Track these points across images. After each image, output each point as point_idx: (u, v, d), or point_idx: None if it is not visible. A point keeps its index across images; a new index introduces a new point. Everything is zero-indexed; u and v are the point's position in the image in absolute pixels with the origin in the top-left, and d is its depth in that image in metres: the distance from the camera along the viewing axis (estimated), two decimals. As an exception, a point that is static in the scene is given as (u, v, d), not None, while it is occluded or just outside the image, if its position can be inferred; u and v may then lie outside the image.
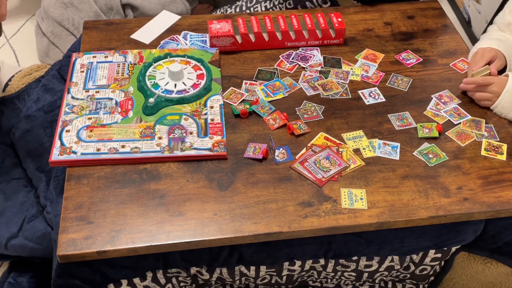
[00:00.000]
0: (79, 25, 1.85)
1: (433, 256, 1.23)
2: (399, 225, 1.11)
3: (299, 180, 1.15)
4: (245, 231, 1.06)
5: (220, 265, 1.17)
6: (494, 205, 1.12)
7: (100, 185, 1.12)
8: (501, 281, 1.34)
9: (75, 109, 1.25)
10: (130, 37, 1.47)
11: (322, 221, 1.08)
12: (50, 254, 1.25)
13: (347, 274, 1.26)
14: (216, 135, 1.20)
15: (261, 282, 1.25)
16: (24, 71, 1.70)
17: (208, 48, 1.43)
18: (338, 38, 1.46)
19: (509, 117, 1.28)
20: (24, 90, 1.55)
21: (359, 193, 1.13)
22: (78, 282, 1.11)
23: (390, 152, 1.21)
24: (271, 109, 1.28)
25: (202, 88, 1.31)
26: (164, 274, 1.18)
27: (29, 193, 1.30)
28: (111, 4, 1.87)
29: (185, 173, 1.15)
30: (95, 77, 1.32)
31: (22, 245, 1.25)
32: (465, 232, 1.19)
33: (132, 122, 1.22)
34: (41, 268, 1.35)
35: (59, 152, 1.15)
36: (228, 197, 1.11)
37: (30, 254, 1.28)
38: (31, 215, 1.26)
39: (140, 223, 1.06)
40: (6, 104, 1.51)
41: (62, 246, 1.02)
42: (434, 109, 1.31)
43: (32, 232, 1.24)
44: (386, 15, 1.58)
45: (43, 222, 1.24)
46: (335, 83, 1.36)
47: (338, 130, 1.25)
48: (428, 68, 1.42)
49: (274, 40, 1.44)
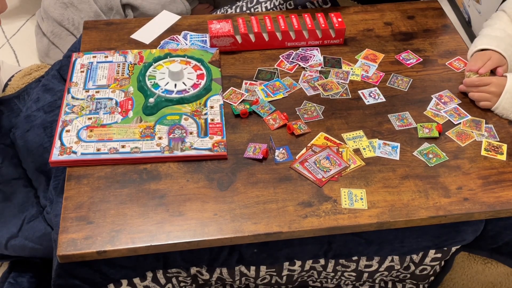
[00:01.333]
0: (79, 25, 1.85)
1: (433, 256, 1.23)
2: (399, 225, 1.11)
3: (299, 180, 1.15)
4: (245, 231, 1.06)
5: (220, 265, 1.17)
6: (494, 205, 1.12)
7: (100, 185, 1.12)
8: (501, 281, 1.34)
9: (75, 109, 1.25)
10: (130, 37, 1.47)
11: (322, 221, 1.08)
12: (50, 254, 1.25)
13: (347, 274, 1.26)
14: (216, 135, 1.21)
15: (261, 282, 1.25)
16: (24, 71, 1.70)
17: (208, 48, 1.43)
18: (338, 38, 1.46)
19: (510, 118, 1.28)
20: (24, 90, 1.55)
21: (359, 193, 1.13)
22: (78, 282, 1.11)
23: (390, 152, 1.21)
24: (271, 109, 1.28)
25: (202, 88, 1.31)
26: (164, 274, 1.18)
27: (29, 193, 1.30)
28: (111, 4, 1.87)
29: (185, 173, 1.15)
30: (95, 77, 1.32)
31: (22, 245, 1.25)
32: (465, 232, 1.19)
33: (132, 122, 1.22)
34: (41, 268, 1.35)
35: (59, 152, 1.15)
36: (228, 197, 1.11)
37: (30, 254, 1.28)
38: (31, 215, 1.26)
39: (140, 223, 1.06)
40: (6, 104, 1.51)
41: (62, 246, 1.02)
42: (434, 109, 1.31)
43: (32, 232, 1.24)
44: (386, 15, 1.58)
45: (43, 222, 1.24)
46: (335, 83, 1.36)
47: (338, 130, 1.25)
48: (428, 68, 1.42)
49: (274, 40, 1.44)
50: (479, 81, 1.28)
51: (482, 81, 1.28)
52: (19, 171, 1.34)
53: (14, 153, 1.39)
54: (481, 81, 1.28)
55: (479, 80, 1.28)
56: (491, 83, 1.28)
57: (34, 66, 1.74)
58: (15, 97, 1.53)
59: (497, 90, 1.27)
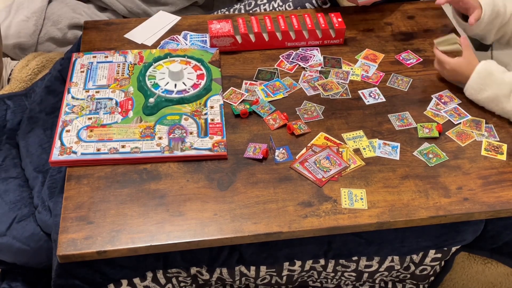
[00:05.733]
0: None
1: (433, 256, 1.23)
2: (399, 225, 1.11)
3: (299, 180, 1.15)
4: (245, 231, 1.06)
5: (220, 265, 1.17)
6: (494, 205, 1.12)
7: (100, 185, 1.12)
8: (501, 281, 1.34)
9: (75, 109, 1.25)
10: (124, 36, 1.47)
11: (322, 221, 1.08)
12: (36, 258, 1.24)
13: (347, 274, 1.26)
14: (216, 135, 1.21)
15: (261, 282, 1.25)
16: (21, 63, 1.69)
17: (208, 48, 1.43)
18: (338, 38, 1.46)
19: (478, 98, 1.29)
20: (31, 88, 1.55)
21: (359, 193, 1.13)
22: (78, 282, 1.11)
23: (390, 152, 1.21)
24: (271, 109, 1.28)
25: (202, 88, 1.31)
26: (164, 274, 1.18)
27: (23, 193, 1.29)
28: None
29: (185, 173, 1.15)
30: (95, 77, 1.32)
31: (9, 245, 1.23)
32: (465, 232, 1.19)
33: (132, 122, 1.22)
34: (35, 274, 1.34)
35: (59, 152, 1.15)
36: (228, 197, 1.11)
37: (16, 257, 1.25)
38: (23, 214, 1.25)
39: (140, 223, 1.06)
40: (14, 100, 1.52)
41: (62, 246, 1.02)
42: (434, 109, 1.31)
43: (21, 232, 1.22)
44: (386, 15, 1.58)
45: (33, 222, 1.23)
46: (335, 83, 1.36)
47: (338, 130, 1.25)
48: (428, 68, 1.42)
49: (274, 40, 1.44)
50: (443, 58, 1.32)
51: (445, 59, 1.31)
52: (18, 171, 1.34)
53: (16, 154, 1.39)
54: (445, 59, 1.31)
55: (444, 58, 1.32)
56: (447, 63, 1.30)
57: (29, 57, 1.73)
58: (23, 94, 1.54)
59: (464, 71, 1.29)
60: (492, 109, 1.28)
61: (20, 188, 1.30)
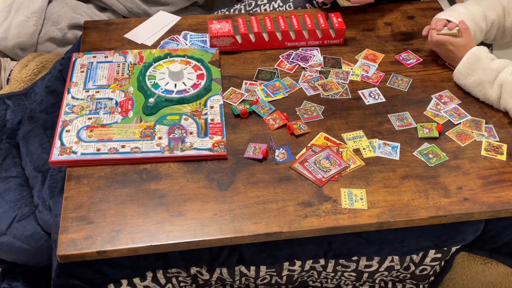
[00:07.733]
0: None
1: (433, 256, 1.23)
2: (399, 225, 1.11)
3: (299, 180, 1.15)
4: (245, 231, 1.06)
5: (220, 265, 1.17)
6: (494, 205, 1.12)
7: (100, 185, 1.12)
8: (501, 281, 1.34)
9: (75, 109, 1.25)
10: (124, 36, 1.47)
11: (322, 221, 1.08)
12: (36, 258, 1.24)
13: (347, 274, 1.26)
14: (216, 135, 1.21)
15: (261, 282, 1.25)
16: (20, 64, 1.69)
17: (208, 48, 1.43)
18: (338, 38, 1.46)
19: (465, 83, 1.31)
20: (31, 88, 1.55)
21: (359, 193, 1.13)
22: (78, 282, 1.11)
23: (390, 152, 1.21)
24: (271, 109, 1.28)
25: (202, 88, 1.31)
26: (164, 274, 1.18)
27: (24, 192, 1.29)
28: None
29: (185, 173, 1.15)
30: (95, 77, 1.32)
31: (9, 244, 1.23)
32: (465, 232, 1.19)
33: (132, 122, 1.22)
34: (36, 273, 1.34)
35: (59, 152, 1.15)
36: (228, 197, 1.11)
37: (16, 256, 1.25)
38: (23, 213, 1.25)
39: (140, 223, 1.06)
40: (14, 99, 1.52)
41: (62, 246, 1.02)
42: (434, 109, 1.31)
43: (22, 231, 1.23)
44: (386, 15, 1.58)
45: (34, 221, 1.23)
46: (335, 83, 1.36)
47: (338, 130, 1.25)
48: (428, 68, 1.42)
49: (274, 40, 1.44)
50: (444, 39, 1.35)
51: (442, 39, 1.35)
52: (18, 170, 1.34)
53: (17, 153, 1.39)
54: (441, 39, 1.35)
55: (443, 38, 1.35)
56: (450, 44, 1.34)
57: (29, 57, 1.73)
58: (23, 94, 1.54)
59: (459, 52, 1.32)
60: (476, 94, 1.32)
61: (20, 187, 1.30)
